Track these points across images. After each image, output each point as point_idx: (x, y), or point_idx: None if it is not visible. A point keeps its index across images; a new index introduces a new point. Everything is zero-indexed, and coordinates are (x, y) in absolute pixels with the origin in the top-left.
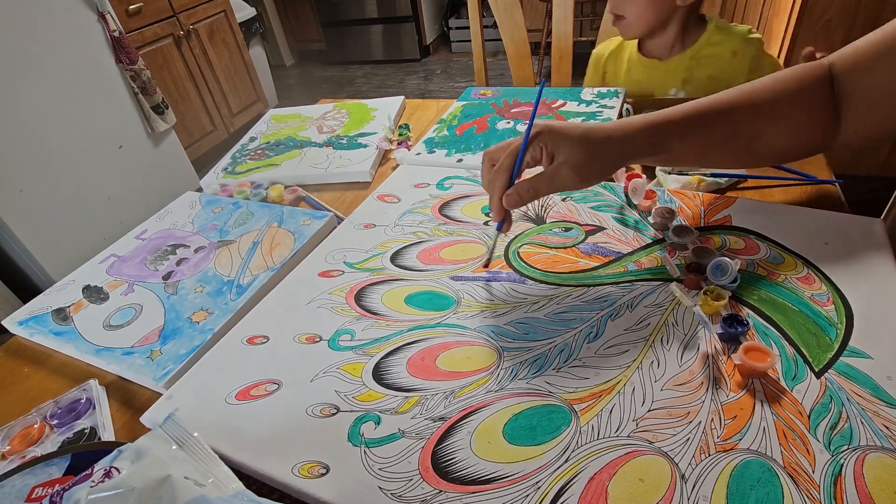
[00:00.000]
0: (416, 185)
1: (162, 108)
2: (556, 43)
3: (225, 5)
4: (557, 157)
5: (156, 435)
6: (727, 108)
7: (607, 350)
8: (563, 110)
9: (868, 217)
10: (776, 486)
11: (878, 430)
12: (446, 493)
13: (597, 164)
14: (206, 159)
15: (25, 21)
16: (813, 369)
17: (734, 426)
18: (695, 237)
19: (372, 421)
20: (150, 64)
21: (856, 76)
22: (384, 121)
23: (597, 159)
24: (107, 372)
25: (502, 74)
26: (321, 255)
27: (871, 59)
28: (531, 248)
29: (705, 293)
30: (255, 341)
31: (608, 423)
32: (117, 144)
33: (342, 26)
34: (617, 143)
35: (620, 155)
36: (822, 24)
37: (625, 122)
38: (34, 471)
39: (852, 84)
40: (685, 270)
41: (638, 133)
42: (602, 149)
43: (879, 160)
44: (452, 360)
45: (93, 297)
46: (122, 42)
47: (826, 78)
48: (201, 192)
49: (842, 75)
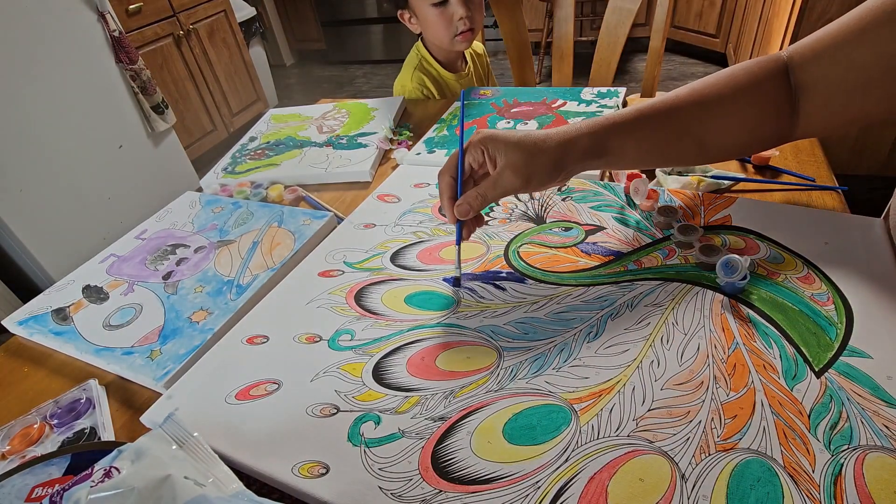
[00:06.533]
0: (416, 185)
1: (162, 107)
2: (557, 43)
3: (225, 5)
4: (499, 161)
5: (156, 435)
6: (673, 108)
7: (607, 349)
8: (563, 110)
9: (868, 217)
10: (776, 486)
11: (878, 429)
12: (446, 493)
13: (537, 165)
14: (206, 159)
15: (25, 21)
16: (813, 369)
17: (734, 426)
18: (700, 235)
19: (372, 421)
20: (150, 64)
21: (813, 68)
22: (384, 121)
23: (536, 159)
24: (107, 372)
25: (503, 74)
26: (321, 255)
27: (829, 50)
28: (531, 247)
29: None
30: (254, 341)
31: (608, 422)
32: (117, 144)
33: (342, 26)
34: (556, 144)
35: (561, 155)
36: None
37: (567, 126)
38: (34, 471)
39: (809, 76)
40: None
41: (580, 135)
42: (540, 149)
43: (880, 160)
44: (452, 359)
45: (93, 296)
46: (122, 42)
47: (781, 71)
48: (201, 192)
49: (799, 67)
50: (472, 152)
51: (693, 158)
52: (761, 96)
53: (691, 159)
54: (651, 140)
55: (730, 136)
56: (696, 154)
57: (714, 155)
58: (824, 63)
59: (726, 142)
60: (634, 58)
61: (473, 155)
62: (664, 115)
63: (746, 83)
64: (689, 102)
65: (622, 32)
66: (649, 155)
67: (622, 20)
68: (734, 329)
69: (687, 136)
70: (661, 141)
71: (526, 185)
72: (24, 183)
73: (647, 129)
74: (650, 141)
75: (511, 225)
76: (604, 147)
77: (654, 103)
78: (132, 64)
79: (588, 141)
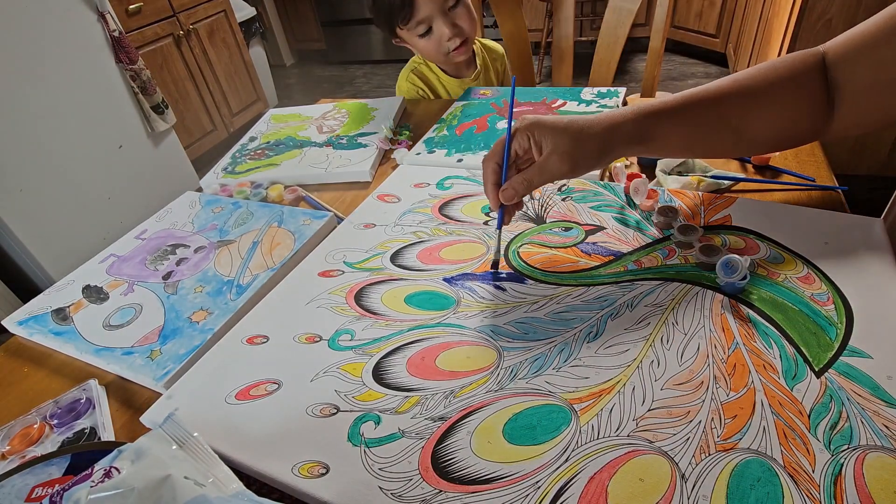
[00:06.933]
0: (415, 185)
1: (162, 107)
2: (557, 43)
3: (225, 5)
4: (545, 147)
5: (156, 435)
6: (717, 97)
7: (607, 349)
8: (563, 110)
9: (868, 217)
10: (776, 486)
11: (878, 429)
12: (446, 493)
13: (584, 150)
14: (206, 159)
15: (25, 21)
16: (813, 369)
17: (734, 425)
18: (700, 235)
19: (372, 421)
20: (150, 64)
21: (845, 66)
22: (384, 121)
23: (583, 145)
24: (107, 372)
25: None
26: (321, 255)
27: (860, 49)
28: (531, 247)
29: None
30: (254, 341)
31: (608, 422)
32: (117, 144)
33: (342, 26)
34: (602, 129)
35: (607, 141)
36: (822, 24)
37: (611, 112)
38: (34, 471)
39: (841, 74)
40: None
41: (625, 121)
42: (587, 134)
43: (880, 160)
44: (452, 359)
45: (93, 296)
46: (122, 42)
47: (819, 67)
48: (201, 192)
49: (834, 64)
50: (519, 138)
51: (729, 150)
52: (802, 90)
53: (726, 151)
54: (692, 128)
55: (769, 129)
56: (732, 146)
57: (749, 147)
58: (855, 62)
59: (765, 134)
60: (634, 58)
61: (519, 141)
62: (706, 103)
63: (788, 76)
64: (732, 92)
65: (622, 32)
66: (688, 143)
67: (622, 20)
68: (734, 329)
69: (726, 127)
70: (702, 130)
71: (573, 170)
72: (24, 183)
73: (689, 118)
74: (691, 129)
75: (511, 225)
76: (647, 133)
77: (698, 92)
78: (132, 64)
79: (632, 127)
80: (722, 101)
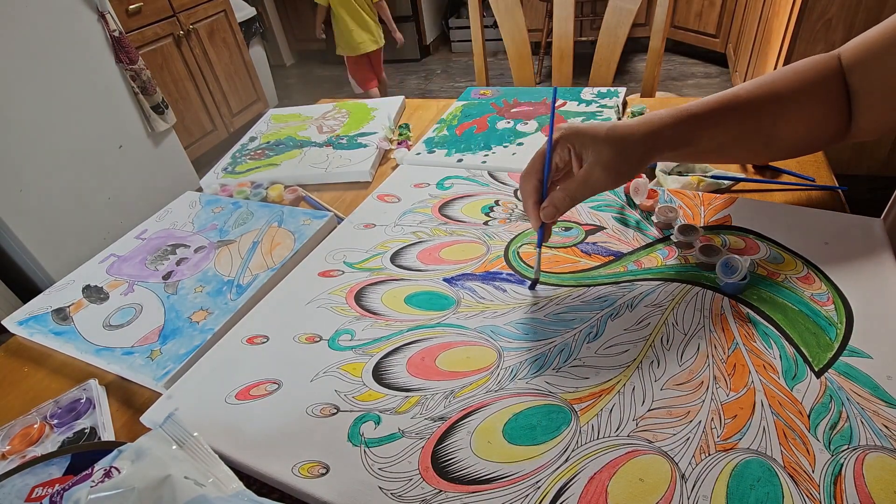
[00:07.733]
0: (415, 185)
1: (162, 107)
2: (557, 43)
3: (225, 5)
4: (586, 158)
5: (156, 435)
6: (750, 101)
7: (607, 350)
8: (562, 110)
9: (868, 217)
10: (776, 486)
11: (878, 429)
12: (446, 493)
13: (627, 160)
14: (206, 159)
15: (25, 21)
16: (813, 369)
17: (734, 426)
18: (700, 235)
19: (372, 421)
20: (150, 64)
21: (863, 71)
22: (384, 121)
23: (626, 155)
24: (107, 372)
25: (502, 74)
26: (321, 255)
27: (873, 53)
28: (531, 248)
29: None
30: (254, 341)
31: (608, 422)
32: (117, 144)
33: None
34: (644, 136)
35: (649, 149)
36: (822, 24)
37: (649, 117)
38: (34, 471)
39: (860, 79)
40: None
41: (664, 126)
42: (629, 143)
43: (880, 160)
44: (452, 359)
45: (93, 296)
46: (122, 42)
47: (839, 71)
48: (201, 192)
49: (849, 70)
50: (559, 151)
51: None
52: (827, 93)
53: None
54: (731, 135)
55: (797, 134)
56: (762, 149)
57: (775, 153)
58: (869, 68)
59: (793, 139)
60: (634, 58)
61: (560, 154)
62: (746, 110)
63: (813, 79)
64: (761, 96)
65: (622, 32)
66: (722, 149)
67: (622, 20)
68: (734, 329)
69: (760, 134)
70: (735, 135)
71: (616, 181)
72: (24, 183)
73: (729, 124)
74: (729, 135)
75: (511, 225)
76: (684, 138)
77: (732, 97)
78: (132, 64)
79: (672, 132)
80: (756, 105)
